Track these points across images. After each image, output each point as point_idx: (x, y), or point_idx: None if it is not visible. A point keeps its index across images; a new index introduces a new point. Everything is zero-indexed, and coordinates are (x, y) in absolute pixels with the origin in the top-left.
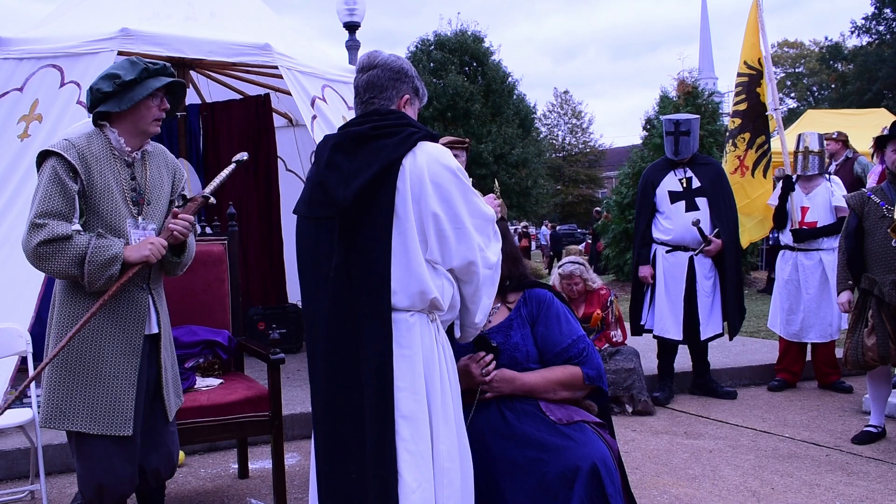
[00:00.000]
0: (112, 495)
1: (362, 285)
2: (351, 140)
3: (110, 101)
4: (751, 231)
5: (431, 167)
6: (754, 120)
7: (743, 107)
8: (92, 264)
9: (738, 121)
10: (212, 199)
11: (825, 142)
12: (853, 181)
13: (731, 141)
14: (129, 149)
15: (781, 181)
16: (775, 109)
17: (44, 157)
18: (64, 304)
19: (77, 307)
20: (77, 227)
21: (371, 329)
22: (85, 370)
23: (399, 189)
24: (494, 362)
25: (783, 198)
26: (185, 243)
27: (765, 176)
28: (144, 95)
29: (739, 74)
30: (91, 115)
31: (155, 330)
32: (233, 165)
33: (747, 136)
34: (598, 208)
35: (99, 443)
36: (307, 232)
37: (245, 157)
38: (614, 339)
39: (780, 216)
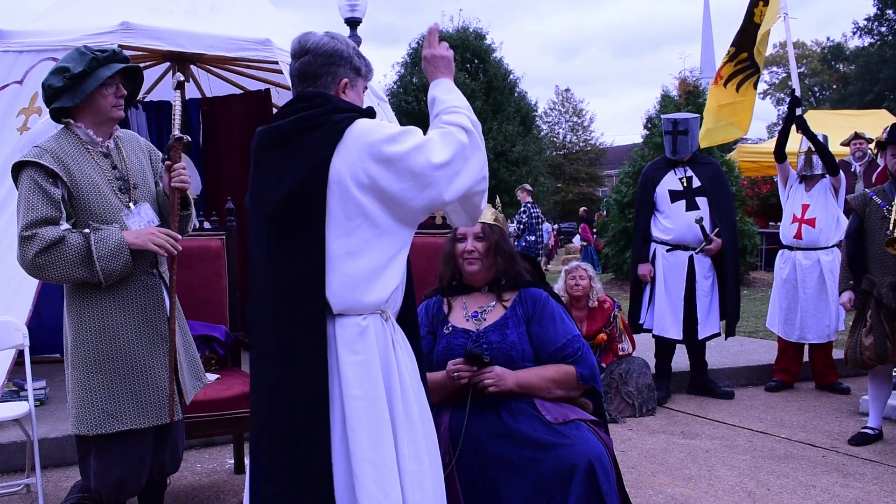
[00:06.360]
0: (131, 488)
1: (296, 291)
2: (275, 138)
3: (64, 96)
4: (712, 133)
5: (365, 150)
6: (743, 36)
7: (743, 26)
8: (103, 258)
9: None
10: (186, 137)
11: (860, 142)
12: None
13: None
14: (101, 139)
15: (789, 101)
16: (785, 14)
17: (18, 169)
18: (77, 307)
19: (93, 306)
20: (66, 226)
21: (305, 337)
22: (122, 368)
23: (333, 190)
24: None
25: (787, 123)
26: (186, 196)
27: (737, 90)
28: (96, 86)
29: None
30: (50, 113)
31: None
32: (176, 94)
33: (732, 50)
34: (583, 208)
35: (126, 437)
36: (253, 229)
37: (181, 78)
38: (621, 353)
39: (781, 145)
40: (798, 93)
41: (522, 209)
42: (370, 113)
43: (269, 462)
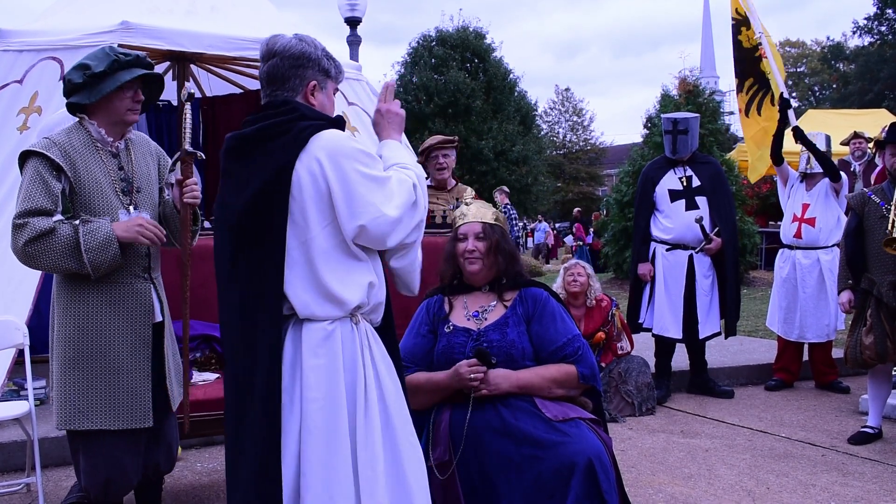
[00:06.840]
0: (118, 489)
1: (257, 295)
2: (240, 145)
3: (81, 92)
4: (757, 165)
5: (329, 161)
6: (741, 64)
7: (736, 55)
8: (90, 251)
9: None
10: (199, 154)
11: (860, 141)
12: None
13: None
14: (112, 139)
15: (779, 105)
16: (760, 34)
17: (25, 157)
18: (63, 301)
19: (79, 303)
20: (59, 217)
21: (263, 341)
22: (99, 368)
23: (294, 196)
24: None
25: (780, 126)
26: (196, 210)
27: (759, 114)
28: (113, 88)
29: (732, 27)
30: (66, 106)
31: (159, 318)
32: (187, 106)
33: (737, 81)
34: (577, 209)
35: (107, 438)
36: (217, 236)
37: (192, 90)
38: (620, 352)
39: (777, 148)
40: (786, 94)
41: (501, 210)
42: (339, 122)
43: (232, 459)
